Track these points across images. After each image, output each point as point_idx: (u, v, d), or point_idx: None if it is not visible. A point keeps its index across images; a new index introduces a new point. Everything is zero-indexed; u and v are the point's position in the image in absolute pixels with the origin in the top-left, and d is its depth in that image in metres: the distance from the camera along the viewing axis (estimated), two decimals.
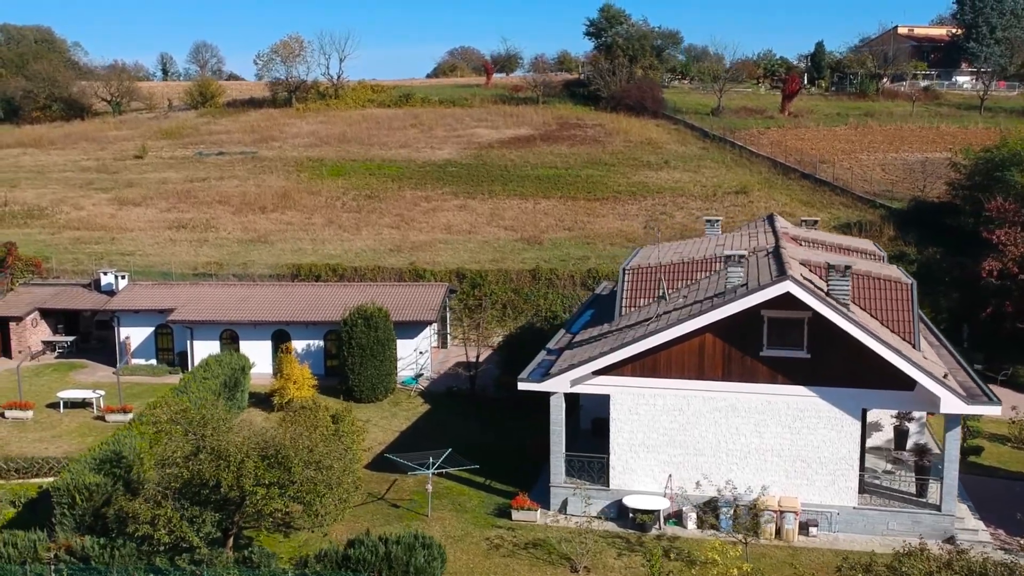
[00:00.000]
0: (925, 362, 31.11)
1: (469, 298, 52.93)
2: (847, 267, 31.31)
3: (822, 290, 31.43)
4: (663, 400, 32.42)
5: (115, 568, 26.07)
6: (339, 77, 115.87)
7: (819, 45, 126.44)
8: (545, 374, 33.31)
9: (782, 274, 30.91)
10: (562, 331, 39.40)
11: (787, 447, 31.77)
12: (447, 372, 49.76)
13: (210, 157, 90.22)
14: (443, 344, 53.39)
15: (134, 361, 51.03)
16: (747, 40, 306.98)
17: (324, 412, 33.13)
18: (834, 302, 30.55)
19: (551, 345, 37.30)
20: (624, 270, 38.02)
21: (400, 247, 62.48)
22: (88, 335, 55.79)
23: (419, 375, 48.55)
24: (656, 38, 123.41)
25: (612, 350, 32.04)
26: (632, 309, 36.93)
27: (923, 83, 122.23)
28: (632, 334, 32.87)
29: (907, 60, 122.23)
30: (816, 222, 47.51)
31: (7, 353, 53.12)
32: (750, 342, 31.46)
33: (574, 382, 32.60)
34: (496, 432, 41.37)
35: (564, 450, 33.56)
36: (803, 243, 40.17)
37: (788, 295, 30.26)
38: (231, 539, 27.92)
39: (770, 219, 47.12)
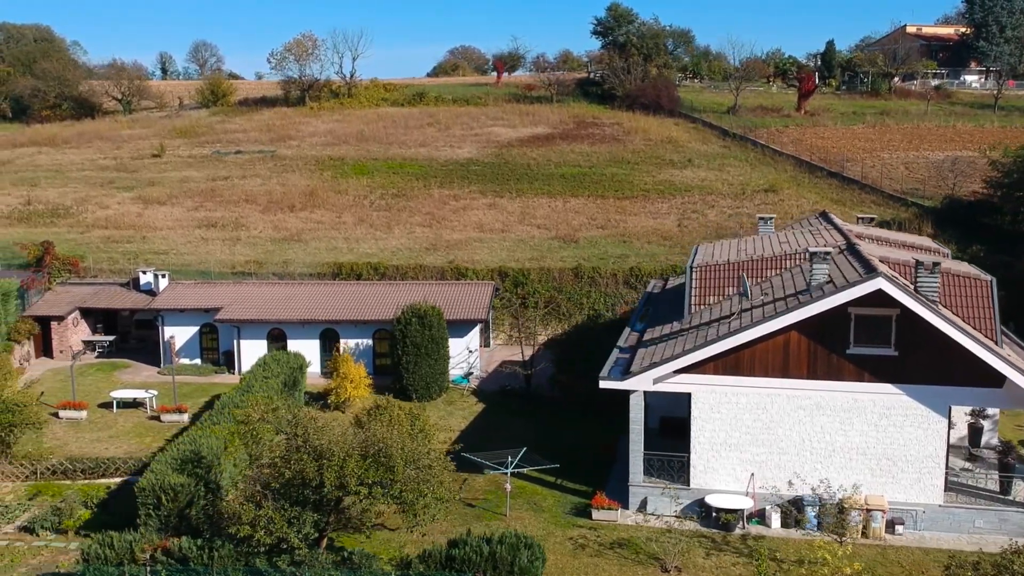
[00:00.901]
0: (1014, 358, 30.99)
1: (513, 296, 52.63)
2: (935, 264, 31.18)
3: (907, 287, 31.24)
4: (746, 398, 32.21)
5: (215, 569, 25.70)
6: (352, 76, 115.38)
7: (830, 44, 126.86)
8: (625, 372, 33.06)
9: (871, 271, 30.72)
10: (627, 329, 39.10)
11: (873, 445, 31.60)
12: (494, 371, 49.47)
13: (229, 156, 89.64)
14: (486, 343, 53.06)
15: (179, 360, 50.50)
16: (754, 39, 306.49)
17: (400, 411, 32.92)
18: (924, 299, 30.38)
19: (621, 343, 37.03)
20: (691, 268, 37.82)
21: (435, 246, 62.11)
22: (127, 335, 55.27)
23: (469, 374, 48.27)
24: (668, 37, 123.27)
25: (696, 348, 31.81)
26: (701, 307, 36.74)
27: (934, 82, 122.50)
28: (713, 332, 32.65)
29: (918, 59, 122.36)
30: (873, 220, 47.43)
31: (48, 352, 52.58)
32: (836, 340, 31.28)
33: (656, 380, 32.33)
34: (556, 431, 41.09)
35: (643, 449, 33.28)
36: (869, 240, 40.00)
37: (879, 292, 30.07)
38: (324, 540, 27.59)
39: (824, 216, 47.03)
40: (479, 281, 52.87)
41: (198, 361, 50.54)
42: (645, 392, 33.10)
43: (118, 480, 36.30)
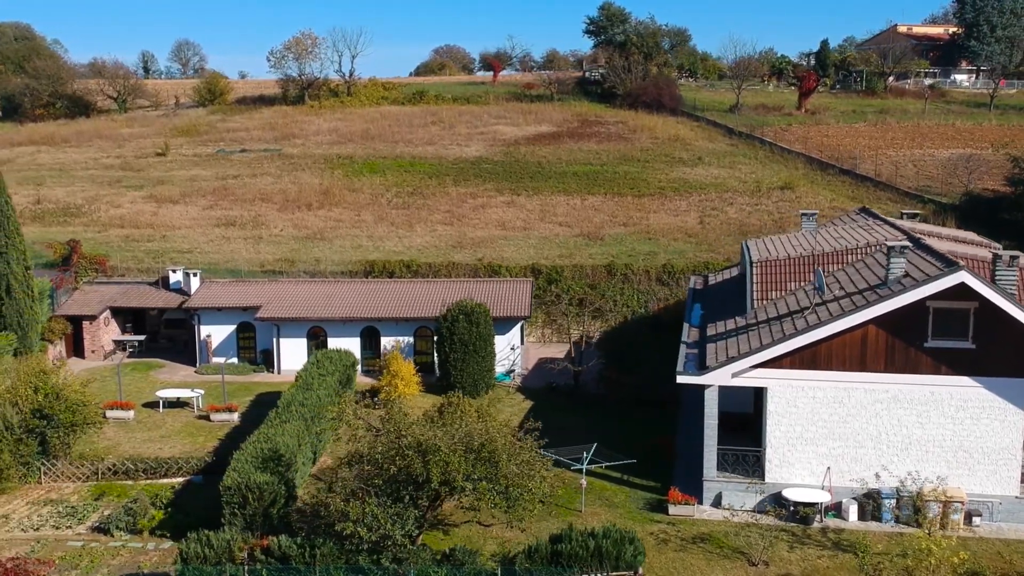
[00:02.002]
0: None
1: (547, 294, 52.56)
2: (1013, 257, 31.43)
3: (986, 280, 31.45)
4: (823, 392, 32.31)
5: (317, 568, 25.46)
6: (351, 74, 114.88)
7: (824, 43, 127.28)
8: (701, 367, 33.08)
9: (951, 265, 30.91)
10: (686, 325, 39.10)
11: (949, 437, 31.80)
12: (534, 368, 49.43)
13: (234, 155, 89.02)
14: (520, 340, 52.89)
15: (214, 360, 50.06)
16: (753, 38, 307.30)
17: (469, 407, 32.80)
18: (1004, 292, 30.62)
19: (686, 339, 37.06)
20: (751, 263, 37.93)
21: (461, 243, 61.92)
22: (155, 334, 54.68)
23: (511, 371, 48.14)
24: (664, 36, 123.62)
25: (774, 343, 31.88)
26: (764, 302, 36.86)
27: (927, 81, 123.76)
28: (789, 327, 32.74)
29: (912, 58, 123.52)
30: (918, 215, 47.68)
31: (79, 352, 51.91)
32: (914, 333, 31.42)
33: (734, 375, 32.37)
34: (608, 427, 40.96)
35: (717, 444, 33.33)
36: (922, 235, 40.24)
37: (961, 285, 30.26)
38: (420, 536, 27.42)
39: (867, 212, 47.39)
40: (517, 278, 52.72)
41: (234, 360, 50.04)
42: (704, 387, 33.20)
43: (180, 480, 35.90)
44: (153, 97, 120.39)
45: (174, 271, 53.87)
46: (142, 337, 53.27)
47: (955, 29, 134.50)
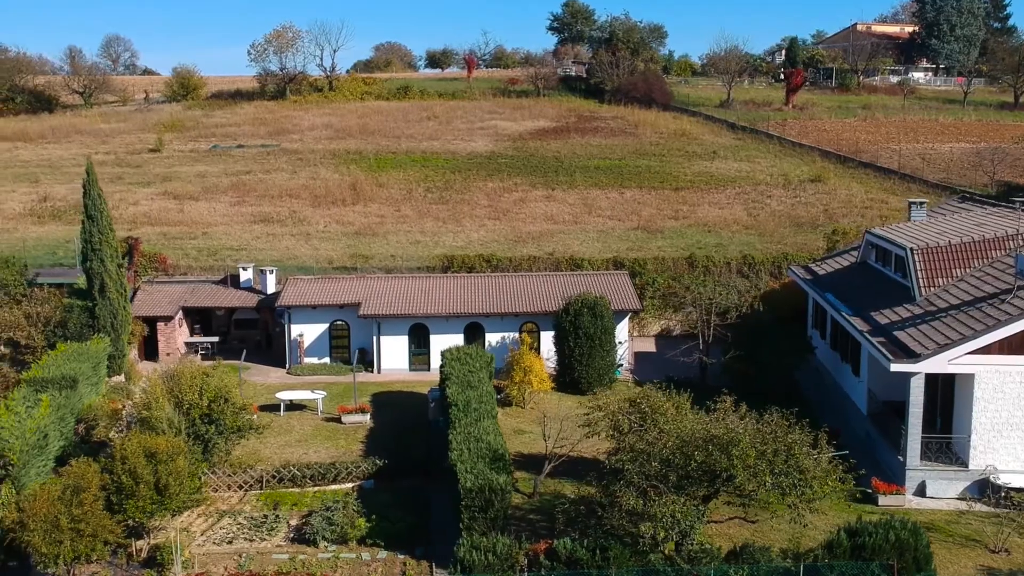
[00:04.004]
0: None
1: (690, 287, 51.14)
2: None
3: None
4: None
5: (613, 571, 24.05)
6: (333, 69, 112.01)
7: (793, 41, 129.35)
8: (909, 355, 32.49)
9: None
10: (857, 318, 38.22)
11: None
12: (637, 361, 48.47)
13: (231, 150, 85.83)
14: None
15: (306, 360, 47.78)
16: (733, 35, 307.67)
17: (663, 403, 31.63)
18: None
19: (862, 329, 36.44)
20: (913, 251, 37.59)
21: (520, 238, 60.54)
22: (225, 335, 51.95)
23: (619, 365, 47.01)
24: (640, 33, 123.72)
25: (990, 328, 31.53)
26: (932, 290, 36.56)
27: (893, 78, 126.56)
28: (992, 313, 32.42)
29: (882, 56, 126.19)
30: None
31: (153, 355, 48.96)
32: None
33: (950, 362, 31.91)
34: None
35: (921, 432, 32.84)
36: None
37: None
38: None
39: (972, 199, 47.61)
40: (612, 271, 51.57)
41: (327, 360, 47.82)
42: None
43: (350, 486, 33.85)
44: (121, 92, 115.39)
45: (245, 269, 51.29)
46: (216, 339, 50.46)
47: (913, 28, 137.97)
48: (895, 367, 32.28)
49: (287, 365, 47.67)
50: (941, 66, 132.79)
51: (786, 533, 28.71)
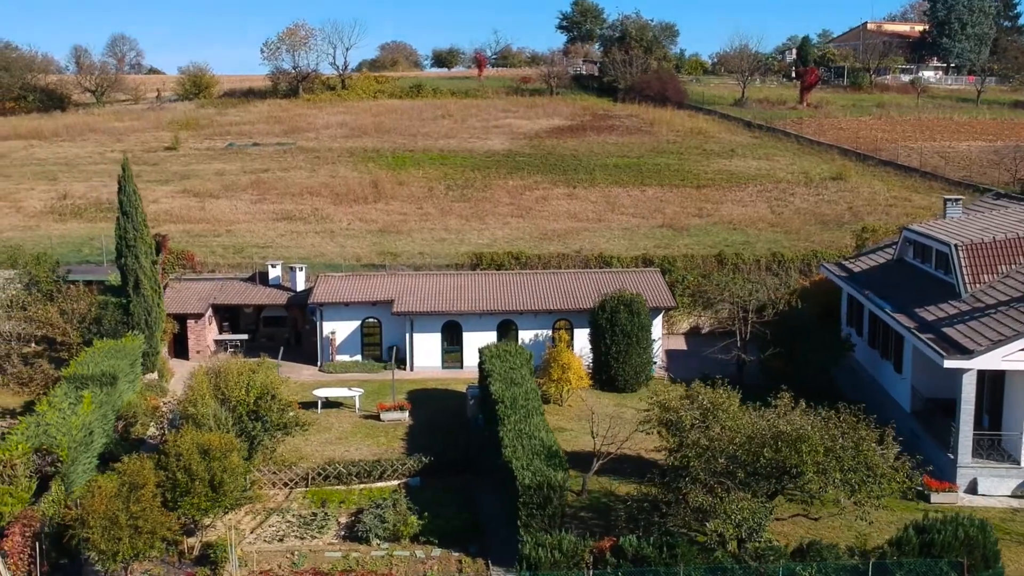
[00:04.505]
0: None
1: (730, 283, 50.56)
2: None
3: None
4: None
5: (682, 569, 23.78)
6: (345, 68, 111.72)
7: (805, 39, 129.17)
8: (963, 352, 32.23)
9: None
10: (902, 315, 37.92)
11: None
12: (669, 359, 48.26)
13: (247, 148, 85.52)
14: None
15: (338, 358, 47.50)
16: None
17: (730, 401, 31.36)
18: None
19: (908, 326, 36.20)
20: (957, 248, 37.37)
21: (546, 235, 60.27)
22: (254, 332, 51.67)
23: (652, 363, 46.73)
24: (652, 31, 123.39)
25: None
26: (977, 286, 36.35)
27: (905, 77, 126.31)
28: None
29: (895, 55, 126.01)
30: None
31: (183, 353, 48.67)
32: None
33: (1004, 358, 31.68)
34: None
35: (973, 430, 32.61)
36: None
37: None
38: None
39: (1007, 196, 47.36)
40: (644, 268, 51.34)
41: (358, 357, 47.55)
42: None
43: (395, 483, 33.59)
44: (132, 91, 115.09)
45: (273, 266, 51.04)
46: (245, 336, 50.18)
47: (923, 27, 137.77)
48: (948, 364, 32.04)
49: (319, 362, 47.42)
50: (951, 65, 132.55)
51: (845, 530, 28.48)
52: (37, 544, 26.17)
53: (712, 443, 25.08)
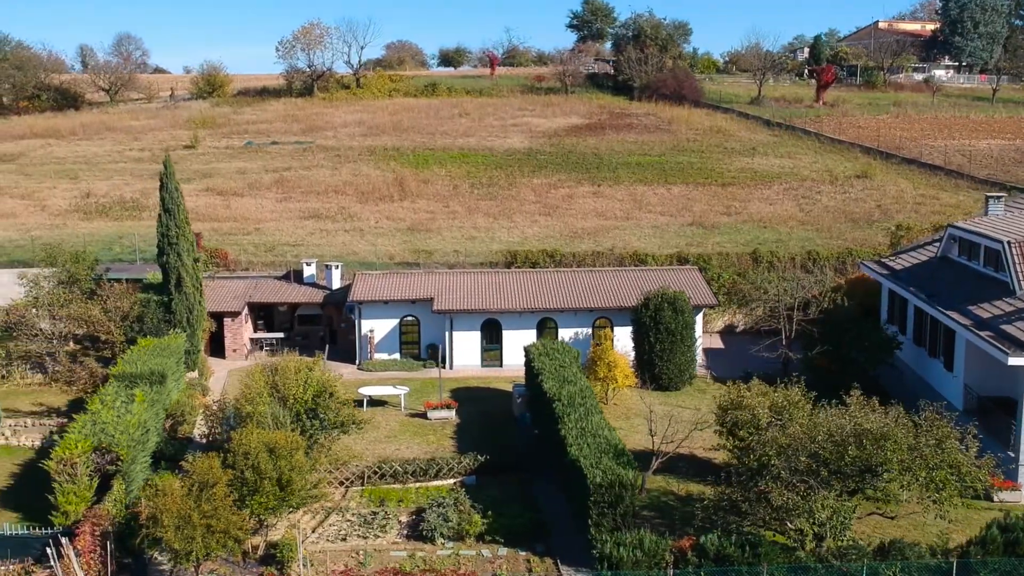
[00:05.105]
0: None
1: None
2: None
3: None
4: None
5: (764, 569, 23.52)
6: (360, 66, 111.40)
7: (817, 38, 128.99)
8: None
9: None
10: (954, 312, 37.65)
11: None
12: (708, 357, 48.01)
13: (265, 147, 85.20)
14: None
15: (376, 356, 47.21)
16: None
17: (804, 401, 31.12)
18: None
19: (966, 324, 35.94)
20: (1011, 245, 37.12)
21: (576, 233, 59.99)
22: (288, 330, 51.34)
23: (695, 361, 46.44)
24: (666, 29, 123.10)
25: None
26: None
27: (918, 76, 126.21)
28: None
29: (908, 53, 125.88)
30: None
31: (219, 352, 48.35)
32: None
33: None
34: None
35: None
36: None
37: None
38: None
39: None
40: (682, 266, 51.10)
41: (396, 356, 47.26)
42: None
43: (451, 482, 33.31)
44: (145, 89, 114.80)
45: (308, 264, 50.75)
46: (281, 335, 49.89)
47: (934, 25, 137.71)
48: (1013, 361, 31.78)
49: (357, 361, 47.10)
50: (963, 63, 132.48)
51: (912, 529, 28.24)
52: (108, 544, 25.89)
53: (792, 441, 24.79)
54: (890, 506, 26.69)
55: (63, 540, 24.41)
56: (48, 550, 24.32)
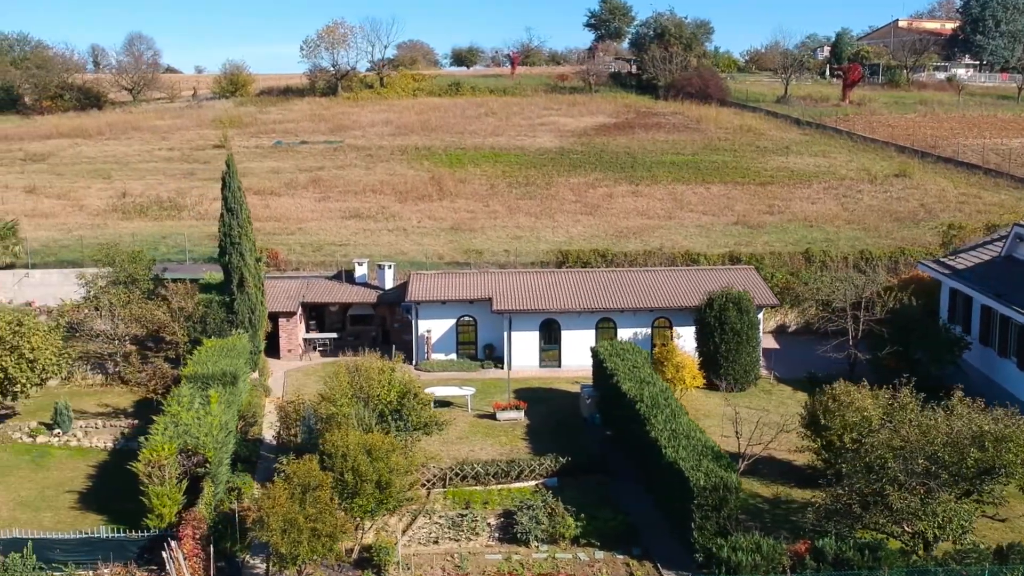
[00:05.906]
0: None
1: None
2: None
3: None
4: None
5: (884, 572, 23.13)
6: (384, 65, 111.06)
7: (839, 36, 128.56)
8: None
9: None
10: (1014, 308, 37.54)
11: None
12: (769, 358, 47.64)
13: (296, 146, 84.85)
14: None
15: (433, 356, 46.84)
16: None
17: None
18: None
19: None
20: None
21: (621, 233, 59.59)
22: (340, 330, 50.95)
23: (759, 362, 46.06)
24: (689, 28, 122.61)
25: None
26: None
27: (940, 75, 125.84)
28: None
29: (931, 52, 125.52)
30: None
31: (274, 352, 47.95)
32: None
33: None
34: None
35: None
36: None
37: None
38: None
39: None
40: (739, 266, 50.74)
41: (453, 356, 46.89)
42: None
43: (532, 484, 32.94)
44: (168, 89, 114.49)
45: (360, 264, 50.39)
46: (334, 335, 49.51)
47: (955, 24, 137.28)
48: None
49: (414, 361, 46.69)
50: (984, 62, 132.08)
51: (1009, 532, 27.88)
52: (208, 547, 25.55)
53: (907, 443, 24.40)
54: (999, 509, 26.33)
55: (172, 544, 24.03)
56: (164, 554, 23.95)
